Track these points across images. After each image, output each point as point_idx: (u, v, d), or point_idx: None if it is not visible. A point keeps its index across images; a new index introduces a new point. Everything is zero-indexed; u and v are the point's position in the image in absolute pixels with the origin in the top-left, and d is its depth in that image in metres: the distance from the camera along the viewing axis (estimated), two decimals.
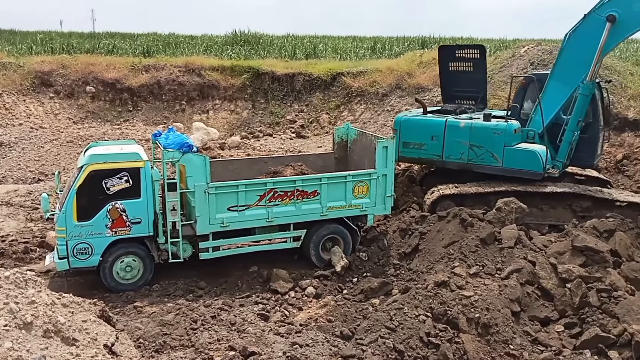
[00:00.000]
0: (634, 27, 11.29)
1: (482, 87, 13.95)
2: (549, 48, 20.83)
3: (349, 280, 10.16)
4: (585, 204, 11.69)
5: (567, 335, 8.13)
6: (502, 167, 11.98)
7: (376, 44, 31.16)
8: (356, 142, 12.10)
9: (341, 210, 10.50)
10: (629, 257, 9.32)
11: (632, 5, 10.79)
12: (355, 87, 22.75)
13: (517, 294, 8.50)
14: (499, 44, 28.44)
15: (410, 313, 8.05)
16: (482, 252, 9.53)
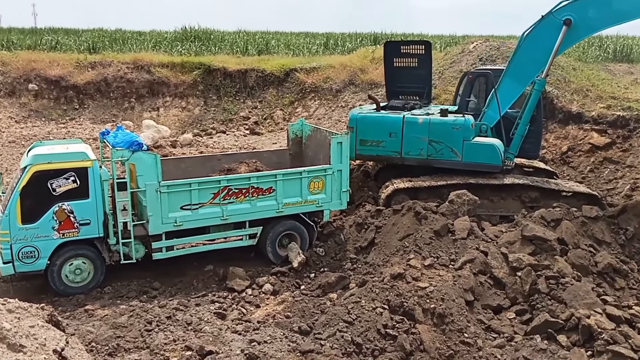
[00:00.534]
0: (588, 31, 11.83)
1: (427, 83, 14.04)
2: (496, 44, 21.39)
3: (306, 275, 10.16)
4: (534, 195, 12.06)
5: (519, 322, 8.37)
6: (462, 161, 12.16)
7: (329, 40, 31.22)
8: (311, 138, 12.09)
9: (297, 207, 10.47)
10: (575, 244, 9.67)
11: (588, 10, 11.16)
12: (309, 83, 22.76)
13: (470, 284, 8.70)
14: (449, 40, 29.02)
15: (368, 306, 8.12)
16: (437, 244, 9.71)
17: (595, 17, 11.16)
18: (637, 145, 15.49)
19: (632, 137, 15.75)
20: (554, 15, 11.40)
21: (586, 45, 24.63)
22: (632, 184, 14.50)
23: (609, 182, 14.99)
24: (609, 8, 11.05)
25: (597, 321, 7.59)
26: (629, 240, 10.25)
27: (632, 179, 14.72)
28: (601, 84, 19.43)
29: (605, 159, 15.64)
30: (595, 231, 10.20)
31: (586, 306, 8.01)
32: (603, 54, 24.50)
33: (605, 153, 15.77)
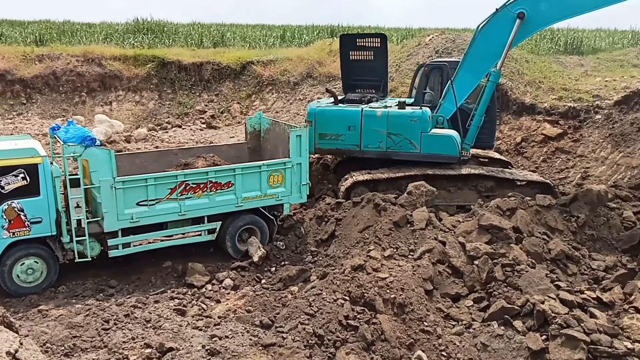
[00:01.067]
0: (541, 24, 12.14)
1: (383, 76, 14.14)
2: (452, 36, 21.69)
3: (267, 269, 10.11)
4: (489, 184, 12.33)
5: (476, 309, 8.54)
6: (420, 153, 12.32)
7: (285, 32, 30.99)
8: (269, 132, 12.00)
9: (257, 201, 10.38)
10: (529, 232, 9.94)
11: (540, 4, 11.44)
12: (266, 76, 22.55)
13: (429, 273, 8.83)
14: (406, 33, 29.22)
15: (329, 298, 8.14)
16: (396, 235, 9.82)
17: (547, 11, 11.47)
18: (587, 135, 16.06)
19: (582, 128, 16.31)
20: (507, 8, 11.65)
21: (538, 38, 25.26)
22: (583, 172, 15.04)
23: (561, 172, 15.50)
24: (560, 2, 11.37)
25: (551, 306, 7.82)
26: (580, 228, 10.59)
27: (582, 168, 15.26)
28: (553, 75, 20.00)
29: (557, 149, 16.15)
30: (549, 219, 10.49)
31: (540, 292, 8.24)
32: (554, 47, 25.19)
33: (557, 143, 16.28)
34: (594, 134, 15.98)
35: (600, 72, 20.57)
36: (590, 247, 10.29)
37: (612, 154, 15.09)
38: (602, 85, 18.59)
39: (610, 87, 18.25)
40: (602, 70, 21.04)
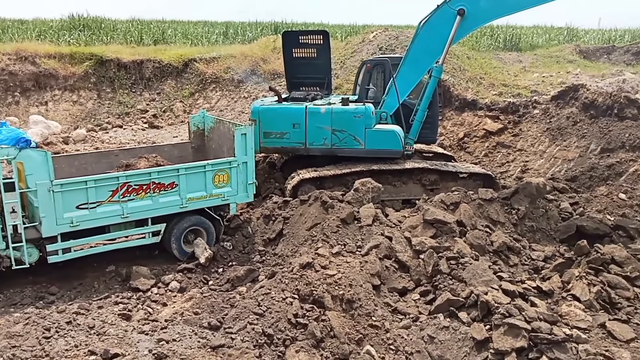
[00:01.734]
0: (480, 21, 12.42)
1: (327, 73, 14.17)
2: (395, 33, 22.00)
3: (214, 270, 9.95)
4: (433, 178, 12.58)
5: (423, 302, 8.68)
6: (365, 149, 12.44)
7: (228, 29, 30.59)
8: (213, 130, 11.80)
9: (202, 201, 10.19)
10: (472, 225, 10.18)
11: (480, 1, 11.71)
12: (210, 74, 22.18)
13: (377, 269, 8.92)
14: (350, 30, 29.42)
15: (278, 297, 8.09)
16: (343, 232, 9.86)
17: (486, 8, 11.75)
18: (526, 130, 16.63)
19: (521, 123, 16.89)
20: (448, 5, 11.88)
21: (479, 34, 25.97)
22: (523, 166, 15.58)
23: (502, 166, 16.00)
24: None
25: (494, 297, 8.03)
26: (520, 220, 10.94)
27: (522, 161, 15.80)
28: (493, 72, 20.63)
29: (498, 144, 16.66)
30: (491, 212, 10.79)
31: (484, 283, 8.46)
32: (494, 43, 25.98)
33: (498, 138, 16.79)
34: (533, 128, 16.57)
35: (537, 68, 21.39)
36: (530, 238, 10.65)
37: (549, 148, 15.69)
38: (540, 81, 19.33)
39: (547, 83, 18.99)
40: (540, 66, 21.88)
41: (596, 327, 7.92)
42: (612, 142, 14.34)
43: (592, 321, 7.98)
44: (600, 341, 7.61)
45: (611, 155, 13.99)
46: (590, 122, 15.30)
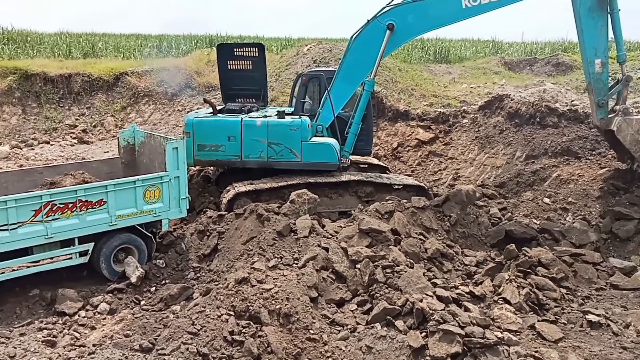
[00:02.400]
0: (409, 35, 12.76)
1: (262, 85, 14.20)
2: (328, 46, 22.25)
3: (146, 290, 9.59)
4: (369, 189, 12.72)
5: (360, 312, 8.67)
6: (301, 161, 12.45)
7: (162, 42, 30.00)
8: (144, 145, 11.47)
9: (132, 218, 9.84)
10: (406, 234, 10.33)
11: (408, 16, 11.99)
12: (142, 87, 21.60)
13: (314, 281, 8.87)
14: (285, 43, 29.49)
15: (213, 314, 7.91)
16: (280, 245, 9.77)
17: (414, 22, 12.07)
18: (457, 138, 17.15)
19: (452, 132, 17.40)
20: (378, 20, 12.11)
21: (410, 47, 26.62)
22: (454, 174, 16.03)
23: (435, 174, 16.40)
24: (426, 14, 12.02)
25: (429, 303, 8.12)
26: (452, 226, 11.23)
27: (454, 169, 16.26)
28: (424, 83, 21.18)
29: (430, 153, 17.08)
30: (424, 220, 11.00)
31: (419, 290, 8.56)
32: (425, 56, 26.69)
33: (430, 147, 17.22)
34: (462, 137, 17.11)
35: (466, 79, 22.11)
36: (463, 244, 10.94)
37: (478, 155, 16.23)
38: (468, 92, 19.99)
39: (475, 93, 19.66)
40: (468, 77, 22.63)
41: (526, 328, 8.19)
42: (536, 149, 15.00)
43: (522, 323, 8.25)
44: (531, 342, 7.86)
45: (535, 162, 14.62)
46: (516, 130, 15.96)
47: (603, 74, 11.75)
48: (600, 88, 11.82)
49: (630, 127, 11.41)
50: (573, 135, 14.68)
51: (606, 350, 7.72)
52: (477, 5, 11.66)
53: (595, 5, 11.35)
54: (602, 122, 11.99)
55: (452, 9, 11.86)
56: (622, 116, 11.54)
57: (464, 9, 11.73)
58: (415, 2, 12.03)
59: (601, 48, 11.61)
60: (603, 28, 11.52)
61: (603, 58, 11.63)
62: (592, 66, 11.73)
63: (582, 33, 11.65)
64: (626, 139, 11.47)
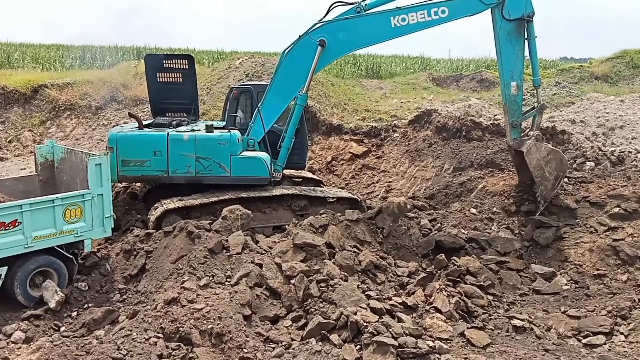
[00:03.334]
0: (340, 52, 12.88)
1: (193, 99, 13.89)
2: (261, 60, 22.15)
3: (67, 315, 9.02)
4: (302, 203, 12.64)
5: (295, 328, 8.53)
6: (230, 176, 12.20)
7: (85, 53, 28.84)
8: (64, 161, 10.88)
9: (51, 239, 9.25)
10: (341, 247, 10.31)
11: (339, 33, 12.09)
12: (63, 100, 20.55)
13: (247, 298, 8.66)
14: (217, 56, 29.12)
15: (140, 338, 7.59)
16: (211, 262, 9.50)
17: (345, 40, 12.21)
18: (388, 152, 17.45)
19: (384, 145, 17.70)
20: (309, 36, 12.15)
21: (343, 62, 26.99)
22: (387, 186, 16.28)
23: (368, 187, 16.60)
24: (356, 32, 12.20)
25: (363, 316, 8.11)
26: (385, 238, 11.33)
27: (386, 182, 16.51)
28: (356, 98, 21.50)
29: (363, 166, 17.28)
30: (358, 232, 11.04)
31: (353, 303, 8.52)
32: (357, 71, 27.16)
33: (363, 160, 17.43)
34: (394, 150, 17.43)
35: (397, 95, 22.65)
36: (395, 255, 11.05)
37: (409, 168, 16.58)
38: (399, 106, 20.46)
39: (405, 108, 20.15)
40: (399, 92, 23.19)
41: (456, 336, 8.36)
42: (463, 161, 15.50)
43: (452, 331, 8.40)
44: (461, 349, 8.01)
45: (462, 174, 15.09)
46: (444, 144, 16.44)
47: (518, 96, 12.36)
48: (515, 109, 12.44)
49: (539, 153, 12.19)
50: (496, 148, 15.27)
51: (530, 353, 8.02)
52: (406, 25, 11.96)
53: (513, 30, 11.92)
54: (514, 142, 12.63)
55: (381, 28, 12.09)
56: (534, 141, 12.25)
57: (393, 28, 11.99)
58: (346, 20, 12.20)
59: (517, 71, 12.21)
60: (520, 52, 12.13)
61: (518, 81, 12.23)
62: (508, 88, 12.31)
63: (501, 56, 12.23)
64: (532, 162, 12.21)
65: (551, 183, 12.21)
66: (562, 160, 12.42)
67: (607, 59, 24.77)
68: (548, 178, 12.18)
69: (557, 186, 12.36)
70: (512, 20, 11.81)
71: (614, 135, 15.20)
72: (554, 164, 12.20)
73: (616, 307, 9.32)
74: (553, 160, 12.22)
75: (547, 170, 12.16)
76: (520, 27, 11.89)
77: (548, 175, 12.17)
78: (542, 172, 12.16)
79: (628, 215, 11.63)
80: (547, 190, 12.24)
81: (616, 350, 8.32)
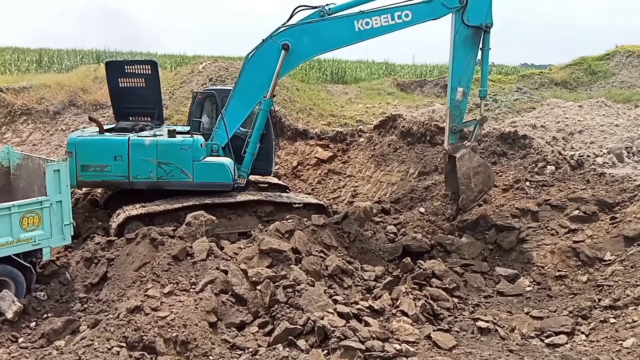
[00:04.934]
0: (304, 56, 12.75)
1: (157, 103, 13.73)
2: (225, 64, 21.98)
3: (25, 326, 8.71)
4: (268, 209, 12.54)
5: (262, 334, 8.45)
6: (193, 182, 12.03)
7: (42, 56, 28.12)
8: (21, 168, 10.56)
9: (8, 248, 8.91)
10: (307, 252, 10.26)
11: (303, 37, 12.02)
12: (20, 105, 19.91)
13: (212, 305, 8.54)
14: (180, 60, 28.80)
15: (102, 347, 7.41)
16: (176, 269, 9.36)
17: (309, 44, 12.14)
18: (354, 157, 17.54)
19: (349, 150, 17.79)
20: (273, 40, 12.06)
21: (308, 67, 27.02)
22: (353, 191, 16.35)
23: (334, 191, 16.63)
24: (320, 35, 12.15)
25: (330, 320, 8.08)
26: (352, 242, 11.33)
27: (352, 187, 16.58)
28: (322, 103, 21.54)
29: (329, 171, 17.32)
30: (324, 237, 11.01)
31: (320, 308, 8.48)
32: (322, 76, 27.22)
33: (329, 165, 17.47)
34: (359, 155, 17.53)
35: (362, 100, 22.80)
36: (362, 260, 11.05)
37: (375, 173, 16.69)
38: (364, 111, 20.62)
39: (370, 113, 20.32)
40: (364, 97, 23.35)
41: (423, 339, 8.38)
42: (427, 165, 15.70)
43: (419, 334, 8.43)
44: (427, 352, 8.05)
45: (427, 178, 15.28)
46: (409, 149, 16.63)
47: (462, 102, 12.41)
48: (457, 115, 12.46)
49: (470, 162, 12.25)
50: None
51: (495, 354, 8.11)
52: (370, 29, 11.94)
53: (470, 37, 11.98)
54: (450, 147, 12.59)
55: (345, 32, 12.07)
56: (469, 150, 12.33)
57: (357, 32, 11.98)
58: (310, 24, 12.16)
59: (465, 78, 12.26)
60: (472, 60, 12.19)
61: (465, 88, 12.28)
62: (455, 93, 12.32)
63: (453, 61, 12.24)
64: (461, 169, 12.24)
65: (474, 194, 12.26)
66: (490, 176, 12.50)
67: (566, 66, 25.56)
68: (472, 189, 12.22)
69: (478, 199, 12.44)
70: (471, 27, 11.83)
71: (573, 140, 15.67)
72: (481, 177, 12.26)
73: (577, 307, 9.49)
74: (482, 173, 12.29)
75: (473, 181, 12.20)
76: (477, 35, 11.96)
77: (473, 187, 12.21)
78: (468, 181, 12.19)
79: (587, 218, 11.85)
80: (468, 200, 12.30)
81: (578, 350, 8.48)
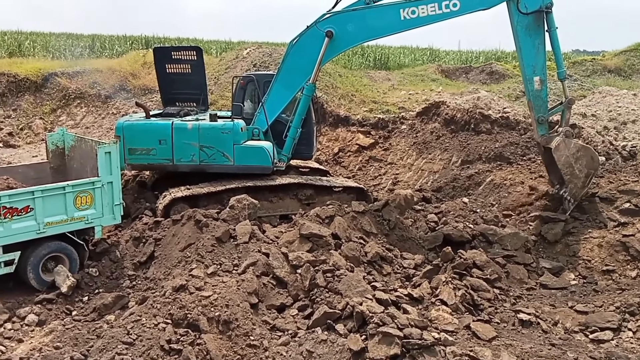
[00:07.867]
0: (348, 44, 12.75)
1: (202, 89, 14.03)
2: (268, 50, 22.18)
3: (78, 300, 9.19)
4: (309, 192, 12.70)
5: (301, 317, 8.62)
6: (234, 165, 12.29)
7: (95, 42, 28.99)
8: (75, 149, 11.02)
9: (62, 225, 9.39)
10: (347, 238, 10.37)
11: (347, 25, 12.03)
12: (73, 89, 20.71)
13: (254, 287, 8.75)
14: (225, 46, 29.17)
15: (149, 323, 7.68)
16: (219, 251, 9.60)
17: (353, 32, 12.14)
18: (396, 144, 17.45)
19: (391, 137, 17.69)
20: (317, 27, 12.12)
21: (351, 54, 26.92)
22: (394, 179, 16.29)
23: (375, 179, 16.62)
24: (365, 24, 12.11)
25: (368, 306, 8.17)
26: (391, 230, 11.35)
27: (393, 174, 16.52)
28: (364, 89, 21.46)
29: (370, 158, 17.29)
30: (364, 224, 11.08)
31: (359, 294, 8.58)
32: (365, 62, 27.07)
33: (370, 152, 17.44)
34: (401, 142, 17.43)
35: (405, 86, 22.58)
36: (401, 248, 11.07)
37: (417, 161, 16.57)
38: (407, 98, 20.42)
39: (413, 100, 20.11)
40: (407, 84, 23.12)
41: (462, 328, 8.39)
42: (471, 154, 15.47)
43: (458, 323, 8.44)
44: (466, 342, 8.05)
45: (470, 167, 15.07)
46: (452, 136, 16.41)
47: (542, 91, 11.93)
48: (540, 105, 12.02)
49: (567, 149, 11.70)
50: (505, 141, 15.23)
51: (536, 347, 8.02)
52: (416, 18, 11.78)
53: (532, 23, 11.50)
54: (542, 139, 12.21)
55: (390, 20, 11.98)
56: (563, 137, 11.76)
57: (402, 20, 11.85)
58: (355, 11, 12.13)
59: (539, 66, 11.76)
60: (541, 46, 11.67)
61: (541, 75, 11.79)
62: (531, 83, 11.88)
63: (521, 51, 11.84)
64: (560, 159, 11.75)
65: (581, 181, 11.69)
66: (593, 157, 11.87)
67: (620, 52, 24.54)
68: (578, 176, 11.67)
69: (587, 184, 11.83)
70: (530, 14, 11.38)
71: (625, 130, 15.09)
72: (584, 160, 11.68)
73: (625, 303, 9.21)
74: (583, 157, 11.71)
75: (576, 167, 11.66)
76: (539, 20, 11.45)
77: (578, 173, 11.66)
78: (571, 169, 11.69)
79: (638, 211, 11.44)
80: (577, 188, 11.75)
81: (624, 347, 8.29)
